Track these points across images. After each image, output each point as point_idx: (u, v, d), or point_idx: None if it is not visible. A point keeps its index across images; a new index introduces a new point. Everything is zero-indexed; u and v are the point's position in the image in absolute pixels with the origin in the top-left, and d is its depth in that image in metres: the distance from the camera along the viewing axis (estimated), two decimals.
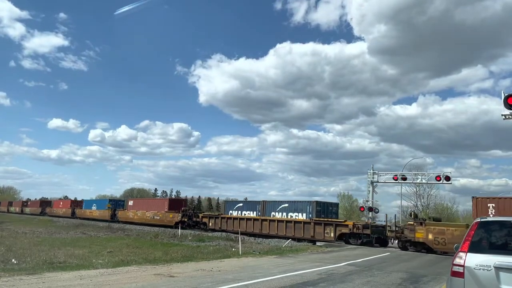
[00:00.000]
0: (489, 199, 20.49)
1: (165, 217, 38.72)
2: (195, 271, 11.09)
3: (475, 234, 5.31)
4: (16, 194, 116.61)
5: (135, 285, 8.59)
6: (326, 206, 28.43)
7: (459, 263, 5.12)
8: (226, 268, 11.94)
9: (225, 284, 8.87)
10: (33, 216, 60.55)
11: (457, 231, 20.01)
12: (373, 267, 13.17)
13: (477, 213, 20.12)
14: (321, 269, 12.13)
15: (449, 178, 30.10)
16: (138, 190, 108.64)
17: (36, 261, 12.36)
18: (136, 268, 11.45)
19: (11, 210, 75.13)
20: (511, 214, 18.85)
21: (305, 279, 10.06)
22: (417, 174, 33.94)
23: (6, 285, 8.01)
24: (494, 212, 19.41)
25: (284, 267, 12.40)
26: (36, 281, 8.57)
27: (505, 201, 20.37)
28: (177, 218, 37.05)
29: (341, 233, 24.70)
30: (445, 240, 20.13)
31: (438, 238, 20.48)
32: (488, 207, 20.09)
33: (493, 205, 20.04)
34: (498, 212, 19.47)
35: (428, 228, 21.06)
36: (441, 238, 20.35)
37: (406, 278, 11.00)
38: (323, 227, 25.50)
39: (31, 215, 63.19)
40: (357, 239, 24.07)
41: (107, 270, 10.75)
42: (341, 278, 10.52)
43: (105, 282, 8.76)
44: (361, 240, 23.84)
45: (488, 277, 4.86)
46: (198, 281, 9.33)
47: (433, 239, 20.69)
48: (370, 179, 33.27)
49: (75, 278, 9.20)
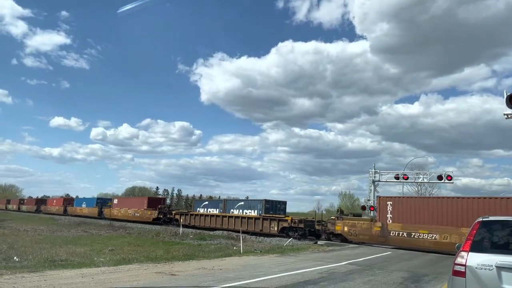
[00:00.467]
0: (388, 198, 23.81)
1: (144, 214, 41.93)
2: (196, 269, 11.11)
3: (477, 233, 5.30)
4: (18, 192, 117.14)
5: (137, 283, 8.61)
6: (274, 204, 31.78)
7: (460, 263, 5.12)
8: (228, 266, 11.95)
9: (226, 283, 8.88)
10: (29, 214, 62.37)
11: (364, 224, 24.00)
12: (374, 266, 13.16)
13: (379, 209, 23.68)
14: (322, 268, 12.14)
15: (451, 177, 30.11)
16: (140, 188, 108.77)
17: (37, 259, 12.39)
18: (137, 266, 11.48)
19: (9, 207, 77.88)
20: (403, 211, 22.49)
21: (306, 278, 10.07)
22: (418, 174, 33.94)
23: (8, 282, 8.04)
24: (391, 209, 22.92)
25: (285, 266, 12.41)
26: (38, 279, 8.60)
27: (399, 199, 23.68)
28: (154, 215, 40.22)
29: (283, 227, 27.97)
30: (356, 231, 24.13)
31: (351, 230, 24.41)
32: (387, 205, 23.23)
33: (391, 203, 23.21)
34: (393, 209, 22.93)
35: (344, 222, 24.97)
36: (353, 230, 24.37)
37: (407, 277, 11.00)
38: (269, 222, 29.09)
39: (28, 212, 65.25)
40: (294, 232, 27.07)
41: (109, 268, 10.77)
42: (342, 277, 10.52)
43: (107, 280, 8.79)
44: (297, 233, 26.89)
45: (489, 276, 4.85)
46: (200, 279, 9.34)
47: (348, 231, 24.57)
48: (372, 178, 33.29)
49: (77, 276, 9.23)
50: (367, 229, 23.54)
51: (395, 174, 32.88)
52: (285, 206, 32.91)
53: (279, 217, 28.76)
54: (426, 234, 20.76)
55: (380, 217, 23.31)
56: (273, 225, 28.59)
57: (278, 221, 28.30)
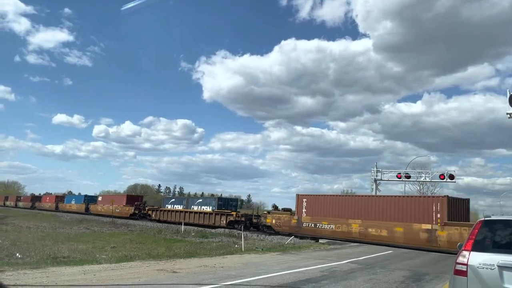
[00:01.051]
0: (304, 195, 27.48)
1: (123, 210, 46.22)
2: (198, 267, 11.13)
3: (479, 232, 5.29)
4: (20, 189, 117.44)
5: (138, 280, 8.63)
6: (227, 201, 37.04)
7: (462, 262, 5.11)
8: (229, 264, 11.97)
9: (228, 280, 8.89)
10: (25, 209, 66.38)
11: (286, 217, 27.80)
12: (375, 265, 13.16)
13: (297, 205, 27.21)
14: (324, 266, 12.15)
15: (453, 176, 30.00)
16: (142, 186, 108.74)
17: (40, 255, 12.43)
18: (139, 263, 11.51)
19: (7, 204, 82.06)
20: (314, 206, 26.25)
21: (307, 276, 10.08)
22: (421, 172, 33.88)
23: (11, 279, 8.07)
24: (305, 205, 26.73)
25: (287, 264, 12.42)
26: (40, 275, 8.63)
27: (312, 196, 27.20)
28: (131, 211, 45.06)
29: (230, 220, 32.31)
30: (280, 223, 28.01)
31: (277, 222, 28.20)
32: (303, 201, 26.89)
33: (305, 200, 26.90)
34: (307, 204, 26.67)
35: (272, 215, 28.97)
36: (278, 222, 28.11)
37: (408, 276, 10.99)
38: (220, 216, 33.42)
39: (24, 208, 69.80)
40: (239, 224, 30.97)
41: (111, 265, 10.81)
42: (344, 275, 10.53)
43: (109, 277, 8.82)
44: (240, 225, 30.13)
45: (491, 276, 4.84)
46: (201, 277, 9.36)
47: (275, 223, 28.39)
48: (374, 177, 33.24)
49: (79, 272, 9.26)
50: (288, 221, 27.44)
51: (397, 173, 32.81)
52: (236, 202, 38.45)
53: (227, 212, 33.37)
54: (326, 225, 24.86)
55: (298, 212, 27.08)
56: (222, 219, 32.91)
57: (226, 216, 32.81)
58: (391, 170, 33.91)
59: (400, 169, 34.24)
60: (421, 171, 35.28)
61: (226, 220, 32.48)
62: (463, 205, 21.83)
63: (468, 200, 22.91)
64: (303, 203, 26.76)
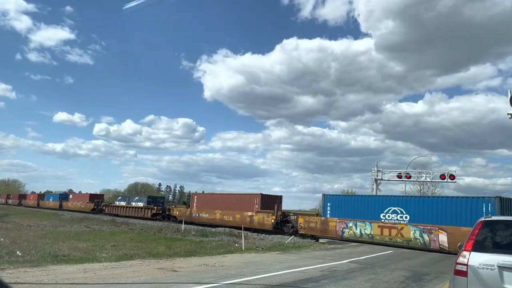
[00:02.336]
0: (195, 194, 40.54)
1: (86, 206, 56.43)
2: (198, 266, 11.14)
3: (479, 233, 5.28)
4: (21, 187, 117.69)
5: (138, 279, 8.64)
6: (156, 199, 46.82)
7: (462, 262, 5.10)
8: (229, 263, 11.98)
9: (228, 280, 8.89)
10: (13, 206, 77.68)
11: (182, 209, 39.16)
12: (376, 265, 13.16)
13: (192, 201, 38.68)
14: (324, 266, 12.15)
15: (454, 176, 30.01)
16: (142, 184, 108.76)
17: (40, 253, 12.45)
18: (139, 262, 11.52)
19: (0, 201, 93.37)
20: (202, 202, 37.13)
21: (307, 275, 10.08)
22: (421, 172, 33.86)
23: (11, 277, 8.08)
24: (196, 201, 37.78)
25: (287, 263, 12.42)
26: (41, 274, 8.64)
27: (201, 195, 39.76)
28: (91, 206, 54.82)
29: (153, 213, 42.40)
30: (180, 214, 38.33)
31: (178, 214, 39.06)
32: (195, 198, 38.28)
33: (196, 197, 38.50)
34: (197, 201, 37.95)
35: (177, 208, 40.82)
36: (179, 213, 38.94)
37: (409, 276, 10.98)
38: (147, 210, 43.36)
39: (12, 205, 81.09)
40: (158, 216, 41.62)
41: (111, 264, 10.83)
42: (344, 275, 10.52)
43: (109, 276, 8.83)
44: (159, 216, 41.59)
45: (491, 276, 4.84)
46: (201, 276, 9.37)
47: (177, 214, 39.28)
48: (374, 176, 33.23)
49: (79, 271, 9.28)
50: (185, 212, 37.83)
51: (398, 173, 32.81)
52: (163, 200, 49.40)
53: (151, 207, 43.28)
54: (204, 214, 35.59)
55: (191, 206, 37.72)
56: (148, 211, 43.04)
57: (150, 210, 42.92)
58: (391, 170, 33.91)
59: (401, 169, 34.26)
60: (422, 171, 35.27)
61: (151, 213, 42.50)
62: (275, 200, 31.39)
63: (280, 197, 32.31)
64: (194, 200, 37.87)
